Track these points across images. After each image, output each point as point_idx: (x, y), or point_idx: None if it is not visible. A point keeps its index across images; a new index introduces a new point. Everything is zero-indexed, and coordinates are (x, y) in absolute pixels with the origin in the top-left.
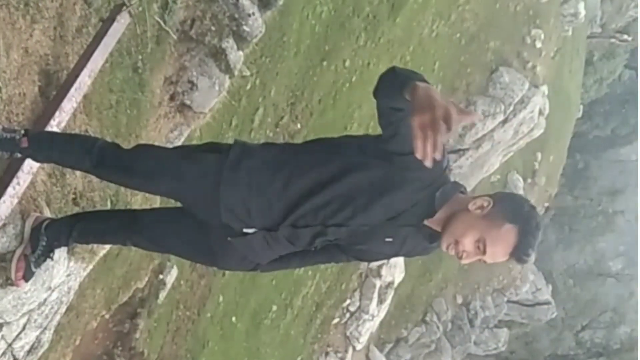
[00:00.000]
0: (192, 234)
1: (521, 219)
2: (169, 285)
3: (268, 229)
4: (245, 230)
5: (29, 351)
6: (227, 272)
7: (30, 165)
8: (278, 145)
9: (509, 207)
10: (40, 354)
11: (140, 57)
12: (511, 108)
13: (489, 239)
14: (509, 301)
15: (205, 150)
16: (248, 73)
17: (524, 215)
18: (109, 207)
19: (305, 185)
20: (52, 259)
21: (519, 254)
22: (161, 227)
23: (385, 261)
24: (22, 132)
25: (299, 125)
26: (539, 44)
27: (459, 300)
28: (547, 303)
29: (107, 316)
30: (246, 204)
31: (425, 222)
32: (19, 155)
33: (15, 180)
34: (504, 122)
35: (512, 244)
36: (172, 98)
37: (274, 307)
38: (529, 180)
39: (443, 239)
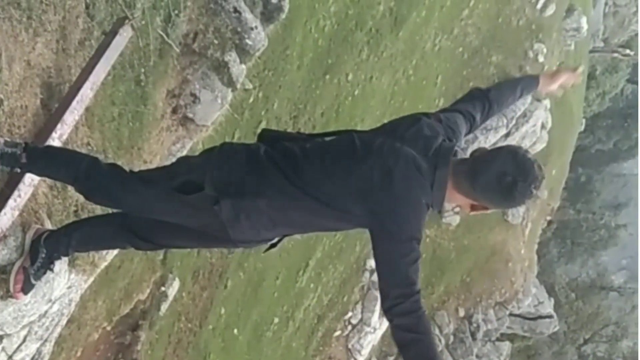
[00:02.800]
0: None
1: (519, 198)
2: (170, 297)
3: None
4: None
5: None
6: (229, 284)
7: (31, 178)
8: (263, 191)
9: (502, 200)
10: None
11: (142, 70)
12: (513, 122)
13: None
14: (511, 314)
15: (185, 190)
16: (251, 86)
17: (519, 195)
18: None
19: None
20: (52, 271)
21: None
22: (159, 224)
23: None
24: (23, 146)
25: None
26: (541, 58)
27: (461, 313)
28: (550, 316)
29: (108, 328)
30: (261, 238)
31: None
32: (19, 170)
33: (16, 193)
34: (507, 135)
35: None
36: (174, 111)
37: (276, 320)
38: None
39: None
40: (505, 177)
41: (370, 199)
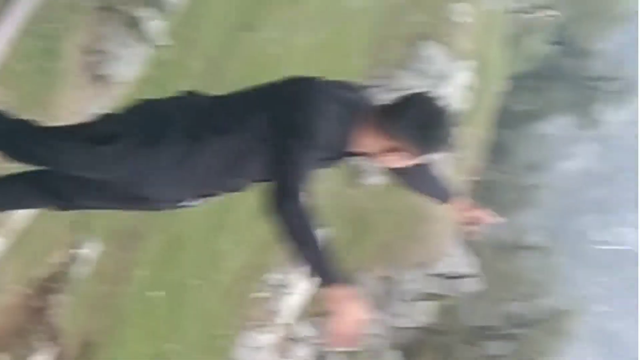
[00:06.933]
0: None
1: (445, 126)
2: (90, 260)
3: (206, 195)
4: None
5: None
6: (149, 247)
7: None
8: (172, 143)
9: (428, 125)
10: None
11: (55, 25)
12: (436, 82)
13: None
14: (434, 274)
15: (100, 142)
16: (168, 43)
17: (446, 122)
18: None
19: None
20: None
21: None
22: (79, 183)
23: None
24: None
25: None
26: (463, 19)
27: (383, 274)
28: (472, 276)
29: (25, 292)
30: (178, 197)
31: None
32: None
33: None
34: None
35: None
36: (88, 68)
37: (196, 282)
38: (456, 154)
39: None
40: (430, 104)
41: (279, 105)
